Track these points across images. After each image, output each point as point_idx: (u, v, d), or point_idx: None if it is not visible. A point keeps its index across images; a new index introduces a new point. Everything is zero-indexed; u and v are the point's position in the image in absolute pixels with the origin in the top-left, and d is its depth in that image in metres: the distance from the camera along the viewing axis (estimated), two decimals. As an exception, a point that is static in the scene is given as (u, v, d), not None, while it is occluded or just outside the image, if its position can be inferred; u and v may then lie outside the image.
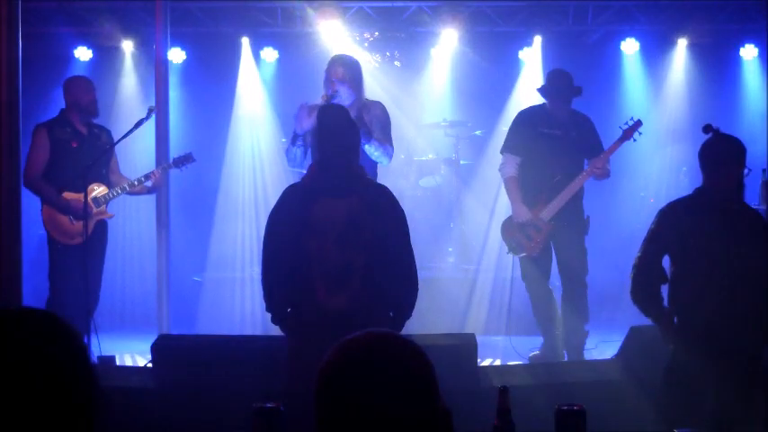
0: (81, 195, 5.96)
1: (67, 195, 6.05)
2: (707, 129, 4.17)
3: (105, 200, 6.15)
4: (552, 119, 6.16)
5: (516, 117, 6.39)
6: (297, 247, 4.07)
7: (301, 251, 4.06)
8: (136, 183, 6.22)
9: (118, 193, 6.20)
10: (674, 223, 4.08)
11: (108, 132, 6.32)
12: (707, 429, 3.85)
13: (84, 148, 6.12)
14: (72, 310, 5.71)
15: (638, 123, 6.11)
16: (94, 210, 6.10)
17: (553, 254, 6.20)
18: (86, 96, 6.16)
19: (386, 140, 5.64)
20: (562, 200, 6.04)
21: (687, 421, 3.63)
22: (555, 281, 6.38)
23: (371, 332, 1.63)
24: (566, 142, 6.10)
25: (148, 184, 6.25)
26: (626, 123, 6.13)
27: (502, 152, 6.35)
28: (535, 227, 6.08)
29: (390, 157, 5.72)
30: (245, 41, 9.02)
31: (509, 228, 6.21)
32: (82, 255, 5.93)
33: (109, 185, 6.22)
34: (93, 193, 6.11)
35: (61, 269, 6.07)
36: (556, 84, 6.18)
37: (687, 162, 8.31)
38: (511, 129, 6.37)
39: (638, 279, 4.13)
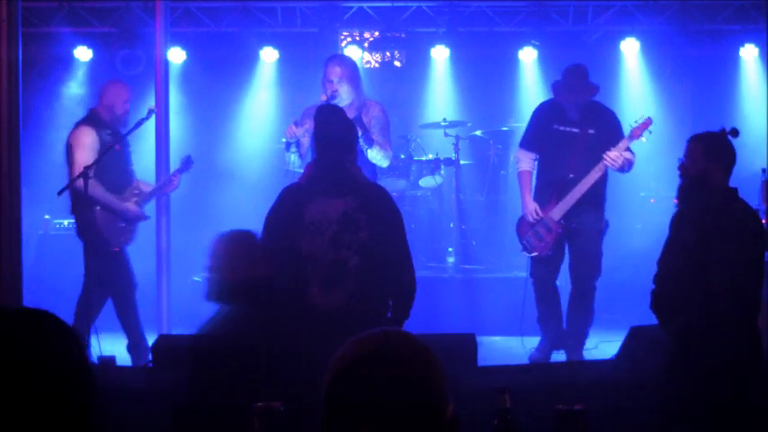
0: (127, 198, 6.06)
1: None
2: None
3: (144, 202, 6.22)
4: (567, 115, 6.04)
5: (533, 112, 6.29)
6: (293, 246, 4.08)
7: (297, 250, 4.07)
8: (162, 186, 6.28)
9: (152, 197, 6.25)
10: (693, 229, 4.06)
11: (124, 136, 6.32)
12: (706, 427, 3.86)
13: (125, 151, 6.14)
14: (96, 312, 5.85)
15: (648, 122, 5.93)
16: (140, 212, 6.18)
17: (566, 254, 6.14)
18: (123, 106, 6.12)
19: (385, 142, 5.65)
20: (572, 198, 5.92)
21: (687, 419, 3.63)
22: (562, 279, 6.32)
23: (386, 330, 1.61)
24: (583, 140, 5.97)
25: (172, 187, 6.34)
26: (635, 122, 5.98)
27: (518, 147, 6.31)
28: (545, 226, 6.02)
29: (389, 158, 5.72)
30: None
31: (522, 226, 6.18)
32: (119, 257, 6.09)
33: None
34: (134, 198, 6.15)
35: (107, 274, 6.06)
36: (568, 79, 6.04)
37: (687, 162, 8.29)
38: (528, 124, 6.30)
39: (661, 292, 4.10)
